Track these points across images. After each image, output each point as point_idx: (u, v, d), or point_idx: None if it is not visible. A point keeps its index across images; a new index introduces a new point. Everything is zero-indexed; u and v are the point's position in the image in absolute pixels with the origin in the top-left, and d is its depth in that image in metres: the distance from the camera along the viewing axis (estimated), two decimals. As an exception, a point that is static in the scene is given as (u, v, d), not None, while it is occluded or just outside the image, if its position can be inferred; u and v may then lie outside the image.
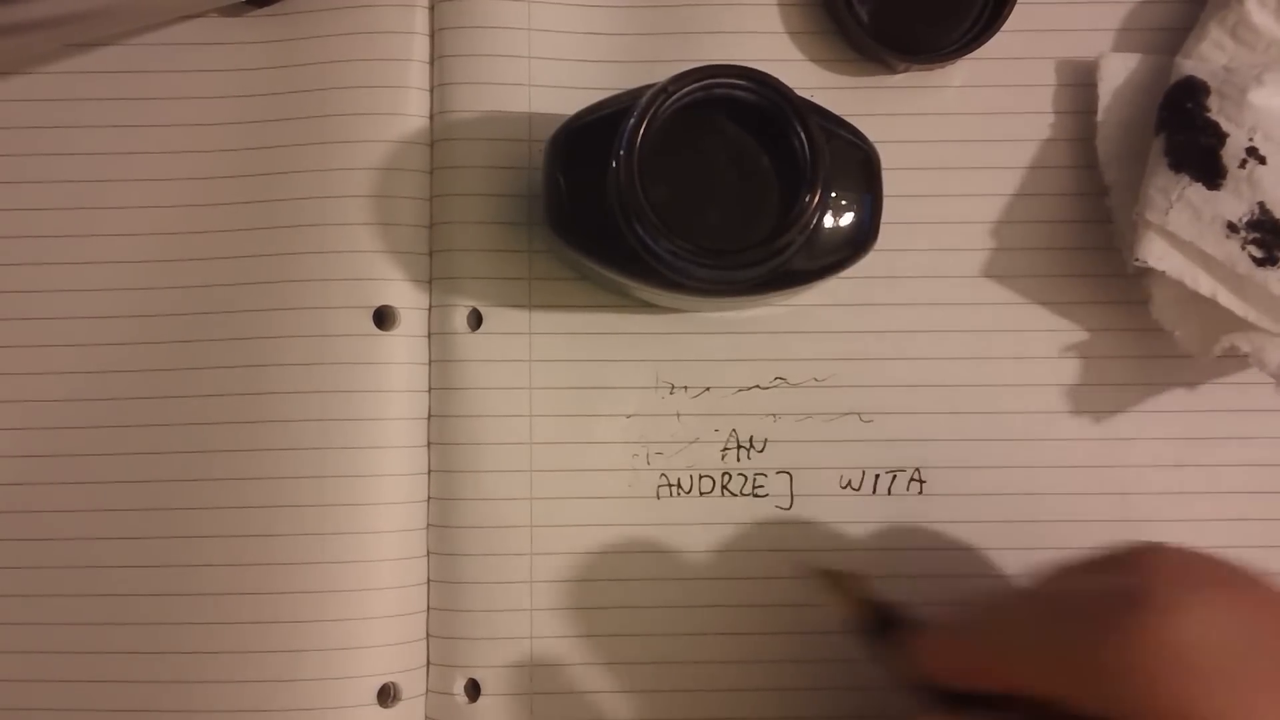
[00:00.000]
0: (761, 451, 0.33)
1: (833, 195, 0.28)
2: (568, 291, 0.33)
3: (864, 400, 0.33)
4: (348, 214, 0.32)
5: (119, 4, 0.30)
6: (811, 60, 0.34)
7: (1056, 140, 0.33)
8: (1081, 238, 0.33)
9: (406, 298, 0.32)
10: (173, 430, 0.32)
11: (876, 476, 0.33)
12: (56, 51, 0.33)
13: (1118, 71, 0.33)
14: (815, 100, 0.28)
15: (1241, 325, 0.30)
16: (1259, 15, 0.31)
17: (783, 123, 0.26)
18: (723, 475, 0.32)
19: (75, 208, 0.33)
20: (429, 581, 0.32)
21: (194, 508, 0.32)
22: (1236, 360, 0.30)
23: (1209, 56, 0.32)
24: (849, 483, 0.32)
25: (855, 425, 0.33)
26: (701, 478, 0.32)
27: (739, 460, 0.32)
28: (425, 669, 0.32)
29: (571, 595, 0.32)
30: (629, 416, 0.32)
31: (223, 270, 0.32)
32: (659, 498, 0.32)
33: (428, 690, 0.32)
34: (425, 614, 0.32)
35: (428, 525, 0.32)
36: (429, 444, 0.33)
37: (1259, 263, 0.29)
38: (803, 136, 0.26)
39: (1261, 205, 0.29)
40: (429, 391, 0.33)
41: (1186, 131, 0.30)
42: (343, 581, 0.31)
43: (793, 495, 0.32)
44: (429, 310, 0.33)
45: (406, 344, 0.32)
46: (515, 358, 0.32)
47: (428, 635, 0.32)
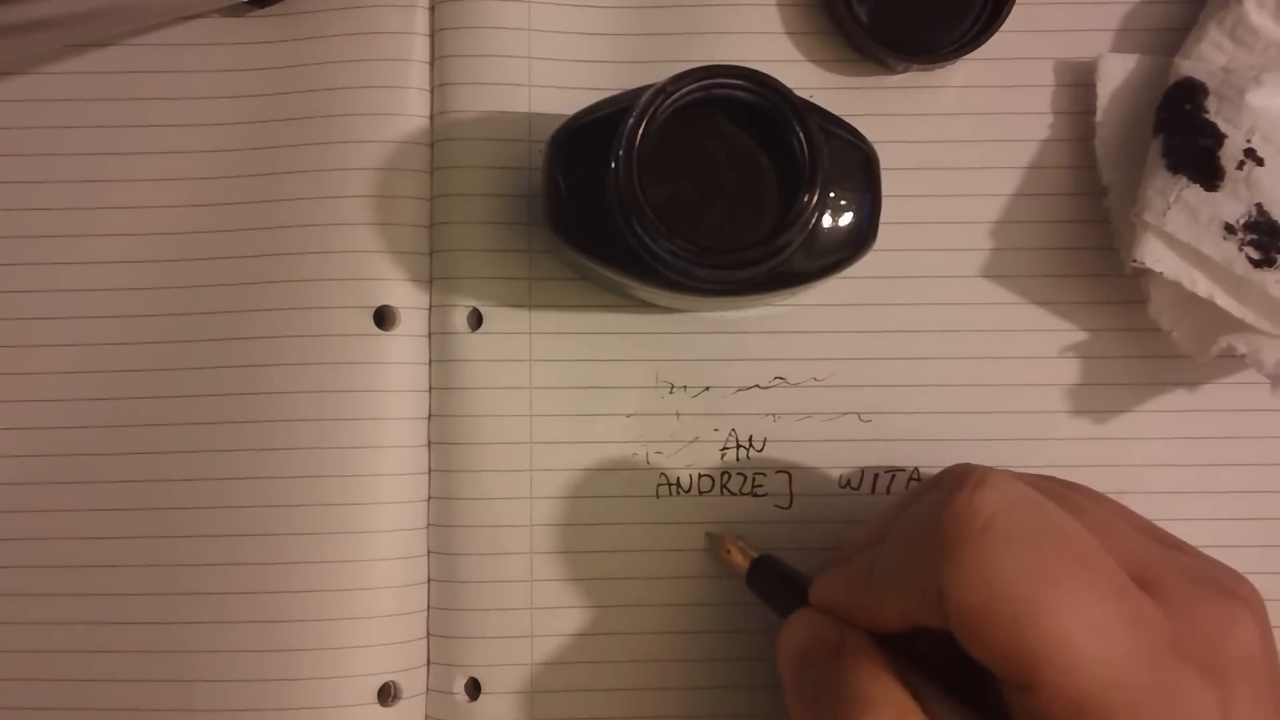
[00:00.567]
0: (761, 451, 0.33)
1: (832, 195, 0.28)
2: (568, 291, 0.33)
3: (863, 400, 0.33)
4: (348, 214, 0.32)
5: (119, 4, 0.30)
6: (811, 60, 0.34)
7: (1055, 140, 0.33)
8: (1080, 238, 0.33)
9: (407, 298, 0.32)
10: (173, 430, 0.32)
11: (876, 476, 0.33)
12: (56, 51, 0.33)
13: (1116, 72, 0.33)
14: (815, 100, 0.28)
15: (1239, 326, 0.30)
16: (1257, 16, 0.31)
17: (782, 123, 0.26)
18: (722, 474, 0.32)
19: (75, 208, 0.33)
20: (429, 581, 0.32)
21: (194, 507, 0.32)
22: (1234, 361, 0.30)
23: (1207, 57, 0.32)
24: (848, 482, 0.33)
25: (854, 425, 0.33)
26: (701, 477, 0.32)
27: (738, 460, 0.33)
28: (425, 668, 0.32)
29: (571, 594, 0.32)
30: (629, 416, 0.32)
31: (223, 270, 0.32)
32: (658, 497, 0.32)
33: (428, 689, 0.32)
34: (425, 613, 0.32)
35: (428, 524, 0.32)
36: (429, 444, 0.33)
37: (1256, 264, 0.29)
38: (802, 137, 0.26)
39: (1259, 207, 0.29)
40: (429, 391, 0.33)
41: (1185, 132, 0.30)
42: (343, 581, 0.31)
43: (792, 494, 0.32)
44: (429, 310, 0.33)
45: (406, 344, 0.32)
46: (515, 357, 0.32)
47: (428, 634, 0.32)
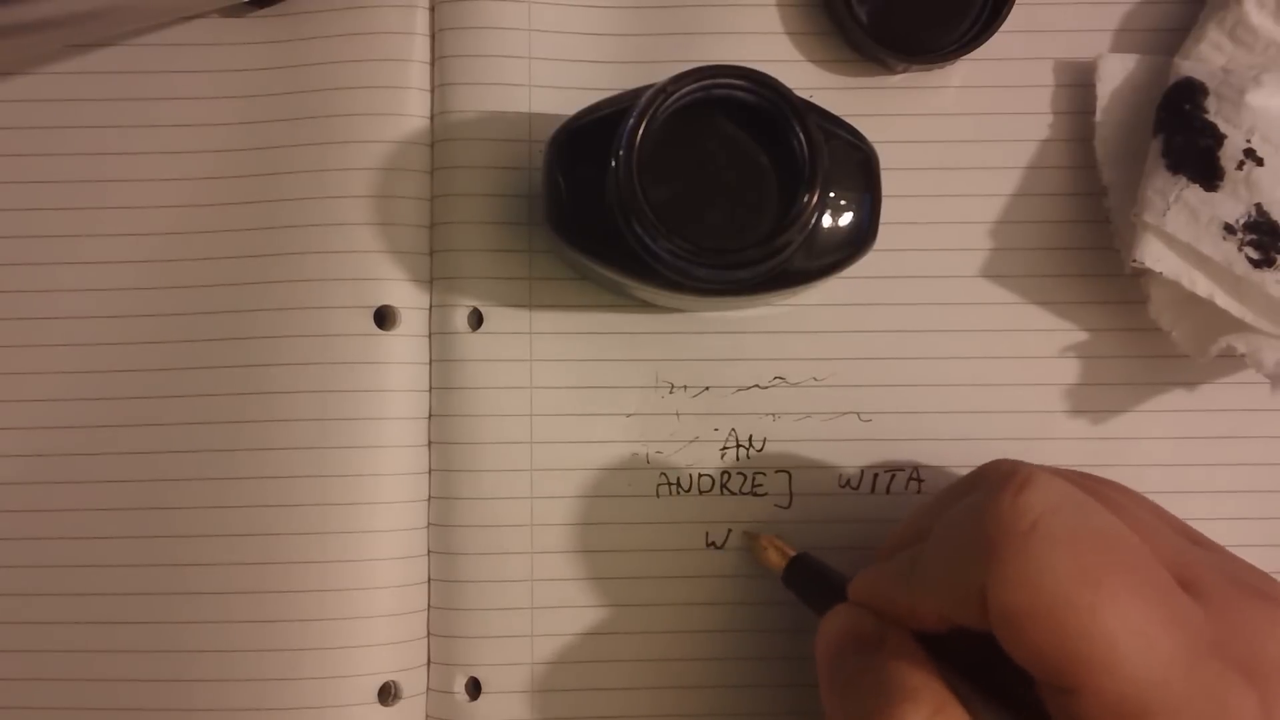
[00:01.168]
0: (760, 450, 0.33)
1: (832, 195, 0.28)
2: (568, 291, 0.33)
3: (863, 400, 0.33)
4: (348, 214, 0.32)
5: (119, 4, 0.30)
6: (811, 61, 0.34)
7: (1055, 141, 0.33)
8: (1080, 238, 0.33)
9: (407, 298, 0.32)
10: (173, 430, 0.32)
11: (875, 475, 0.33)
12: (56, 51, 0.33)
13: (1116, 72, 0.33)
14: (814, 100, 0.28)
15: (1238, 326, 0.30)
16: (1257, 16, 0.31)
17: (782, 123, 0.26)
18: (722, 474, 0.33)
19: (75, 208, 0.33)
20: (430, 580, 0.32)
21: (194, 507, 0.32)
22: (1233, 360, 0.30)
23: (1207, 57, 0.32)
24: (848, 482, 0.33)
25: (854, 424, 0.33)
26: (701, 476, 0.32)
27: (738, 459, 0.33)
28: (426, 667, 0.32)
29: (572, 594, 0.32)
30: (629, 416, 0.33)
31: (224, 270, 0.32)
32: (659, 496, 0.32)
33: (428, 689, 0.32)
34: (426, 613, 0.32)
35: (428, 524, 0.32)
36: (429, 443, 0.33)
37: (1256, 264, 0.29)
38: (802, 137, 0.26)
39: (1259, 207, 0.29)
40: (429, 391, 0.33)
41: (1184, 133, 0.30)
42: (343, 580, 0.31)
43: (791, 494, 0.32)
44: (429, 310, 0.33)
45: (407, 344, 0.32)
46: (515, 357, 0.32)
47: (428, 634, 0.32)
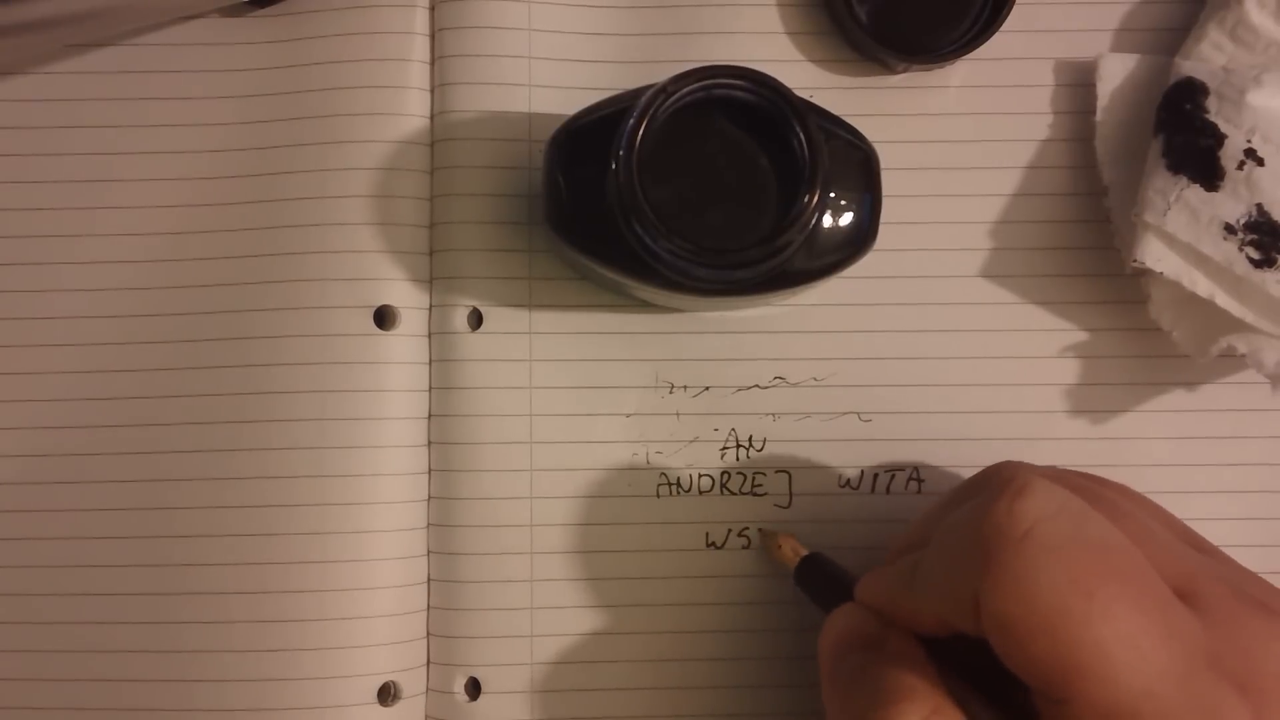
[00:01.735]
0: (760, 450, 0.33)
1: (832, 195, 0.28)
2: (568, 291, 0.33)
3: (863, 400, 0.33)
4: (348, 214, 0.32)
5: (119, 4, 0.30)
6: (811, 60, 0.34)
7: (1055, 140, 0.33)
8: (1080, 238, 0.33)
9: (407, 297, 0.32)
10: (173, 430, 0.32)
11: (875, 475, 0.33)
12: (56, 51, 0.33)
13: (1116, 72, 0.33)
14: (814, 100, 0.28)
15: (1239, 326, 0.30)
16: (1258, 16, 0.31)
17: (782, 123, 0.26)
18: (722, 474, 0.32)
19: (75, 208, 0.33)
20: (429, 580, 0.32)
21: (194, 507, 0.32)
22: (1234, 361, 0.30)
23: (1208, 57, 0.32)
24: (848, 482, 0.33)
25: (854, 424, 0.33)
26: (701, 477, 0.32)
27: (738, 459, 0.33)
28: (425, 668, 0.32)
29: (571, 593, 0.32)
30: (629, 416, 0.32)
31: (223, 270, 0.32)
32: (658, 496, 0.32)
33: (428, 689, 0.32)
34: (426, 613, 0.32)
35: (428, 524, 0.32)
36: (429, 443, 0.33)
37: (1256, 264, 0.29)
38: (802, 137, 0.26)
39: (1259, 207, 0.29)
40: (429, 391, 0.33)
41: (1185, 132, 0.30)
42: (343, 580, 0.31)
43: (791, 494, 0.32)
44: (429, 310, 0.33)
45: (407, 344, 0.32)
46: (515, 357, 0.32)
47: (428, 634, 0.32)
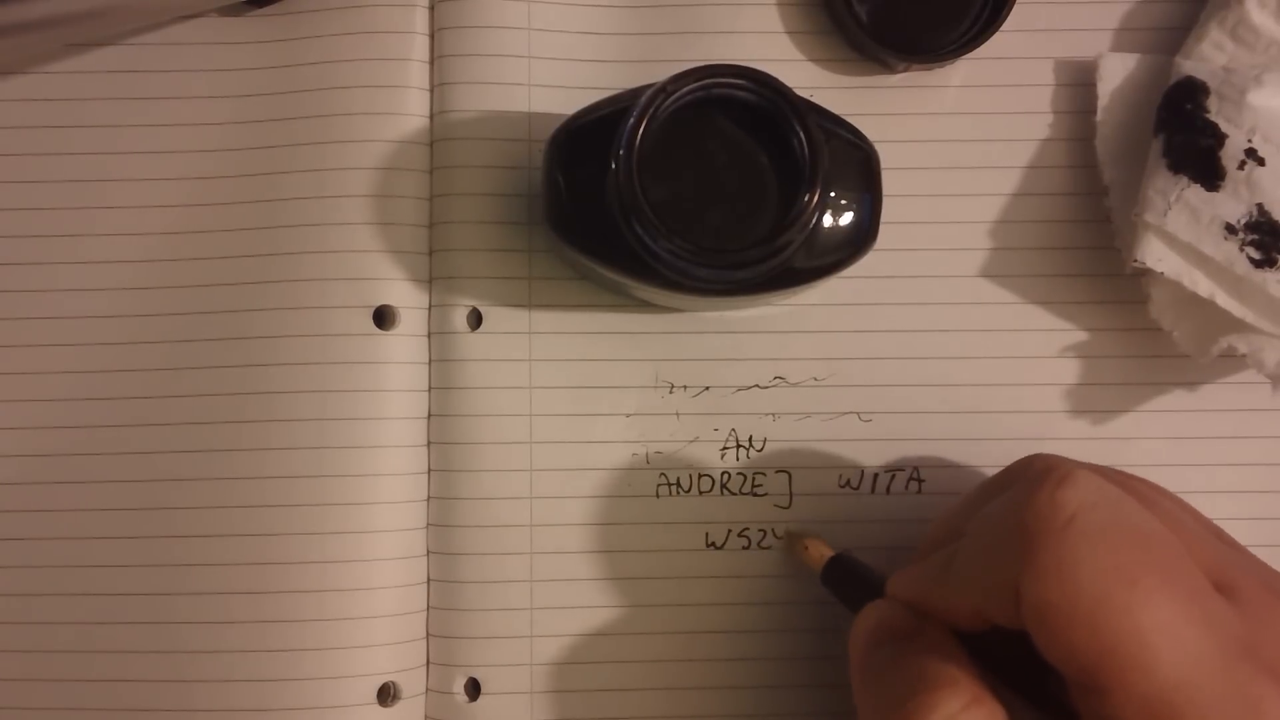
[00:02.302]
0: (761, 451, 0.33)
1: (832, 195, 0.28)
2: (567, 291, 0.33)
3: (863, 400, 0.33)
4: (348, 213, 0.32)
5: (119, 4, 0.30)
6: (811, 60, 0.34)
7: (1055, 140, 0.33)
8: (1080, 237, 0.33)
9: (406, 297, 0.32)
10: (172, 430, 0.32)
11: (875, 475, 0.33)
12: (56, 51, 0.33)
13: (1117, 71, 0.33)
14: (815, 100, 0.28)
15: (1239, 326, 0.30)
16: (1259, 16, 0.31)
17: (782, 122, 0.26)
18: (722, 474, 0.32)
19: (75, 208, 0.33)
20: (429, 581, 0.32)
21: (194, 507, 0.32)
22: (1234, 361, 0.30)
23: (1208, 57, 0.32)
24: (848, 482, 0.33)
25: (854, 424, 0.33)
26: (701, 477, 0.32)
27: (738, 459, 0.33)
28: (425, 668, 0.32)
29: (571, 594, 0.32)
30: (628, 416, 0.32)
31: (223, 270, 0.32)
32: (658, 496, 0.32)
33: (428, 689, 0.32)
34: (425, 613, 0.32)
35: (428, 524, 0.32)
36: (429, 443, 0.33)
37: (1257, 264, 0.29)
38: (802, 136, 0.26)
39: (1260, 207, 0.29)
40: (429, 391, 0.33)
41: (1185, 132, 0.30)
42: (342, 581, 0.31)
43: (792, 494, 0.32)
44: (429, 310, 0.33)
45: (406, 343, 0.32)
46: (515, 357, 0.32)
47: (428, 634, 0.32)
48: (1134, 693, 0.20)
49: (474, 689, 0.32)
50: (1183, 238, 0.29)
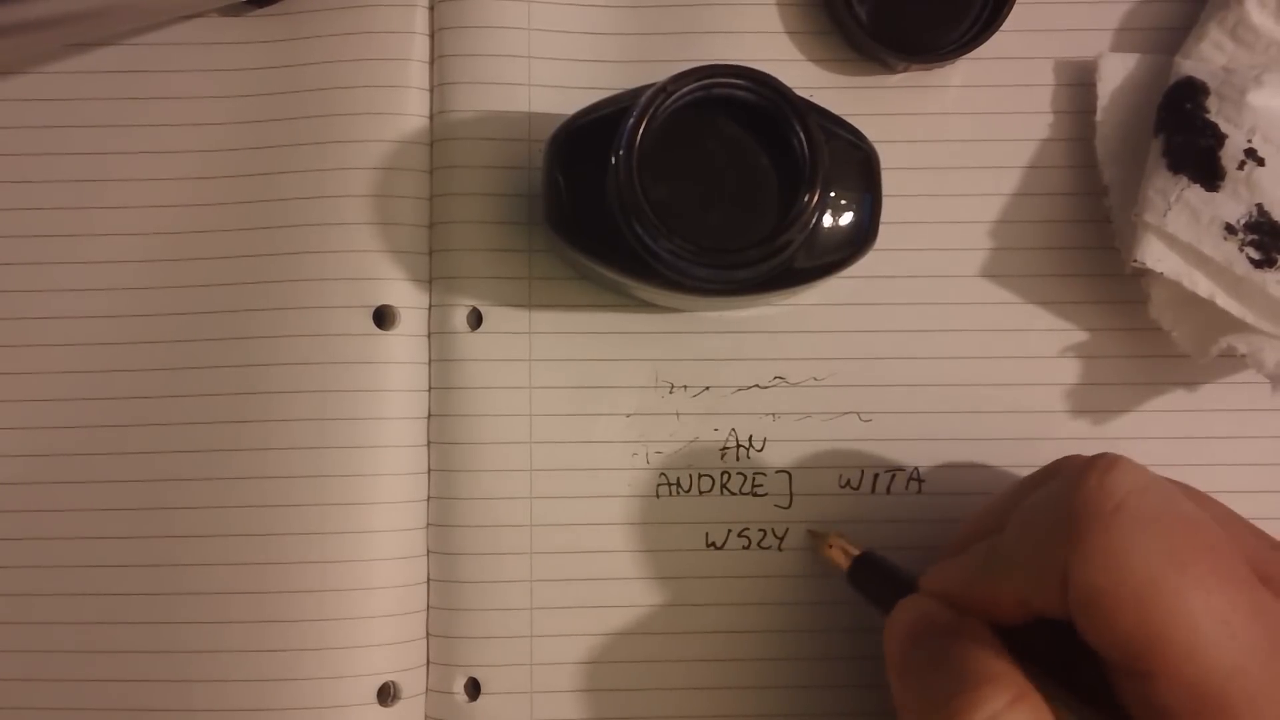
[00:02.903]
0: (761, 451, 0.33)
1: (832, 195, 0.28)
2: (567, 291, 0.33)
3: (863, 400, 0.33)
4: (348, 213, 0.32)
5: (119, 4, 0.30)
6: (811, 60, 0.34)
7: (1055, 140, 0.33)
8: (1080, 237, 0.33)
9: (406, 297, 0.32)
10: (172, 430, 0.32)
11: (875, 476, 0.33)
12: (56, 51, 0.33)
13: (1117, 71, 0.33)
14: (815, 100, 0.28)
15: (1239, 326, 0.30)
16: (1259, 16, 0.31)
17: (782, 122, 0.26)
18: (722, 474, 0.32)
19: (75, 207, 0.33)
20: (429, 580, 0.32)
21: (193, 507, 0.32)
22: (1234, 361, 0.30)
23: (1208, 57, 0.32)
24: (848, 482, 0.33)
25: (854, 425, 0.33)
26: (701, 477, 0.32)
27: (738, 459, 0.33)
28: (425, 668, 0.32)
29: (571, 594, 0.32)
30: (628, 416, 0.32)
31: (223, 270, 0.32)
32: (658, 497, 0.32)
33: (428, 689, 0.32)
34: (425, 613, 0.32)
35: (427, 524, 0.32)
36: (429, 443, 0.33)
37: (1257, 264, 0.29)
38: (802, 136, 0.26)
39: (1260, 207, 0.29)
40: (429, 391, 0.33)
41: (1185, 132, 0.30)
42: (342, 580, 0.31)
43: (792, 494, 0.32)
44: (429, 310, 0.33)
45: (406, 343, 0.32)
46: (515, 357, 0.32)
47: (428, 634, 0.32)
48: (1182, 678, 0.20)
49: (474, 689, 0.32)
50: (1182, 238, 0.29)
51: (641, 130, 0.26)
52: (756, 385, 0.33)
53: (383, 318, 0.32)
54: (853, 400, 0.33)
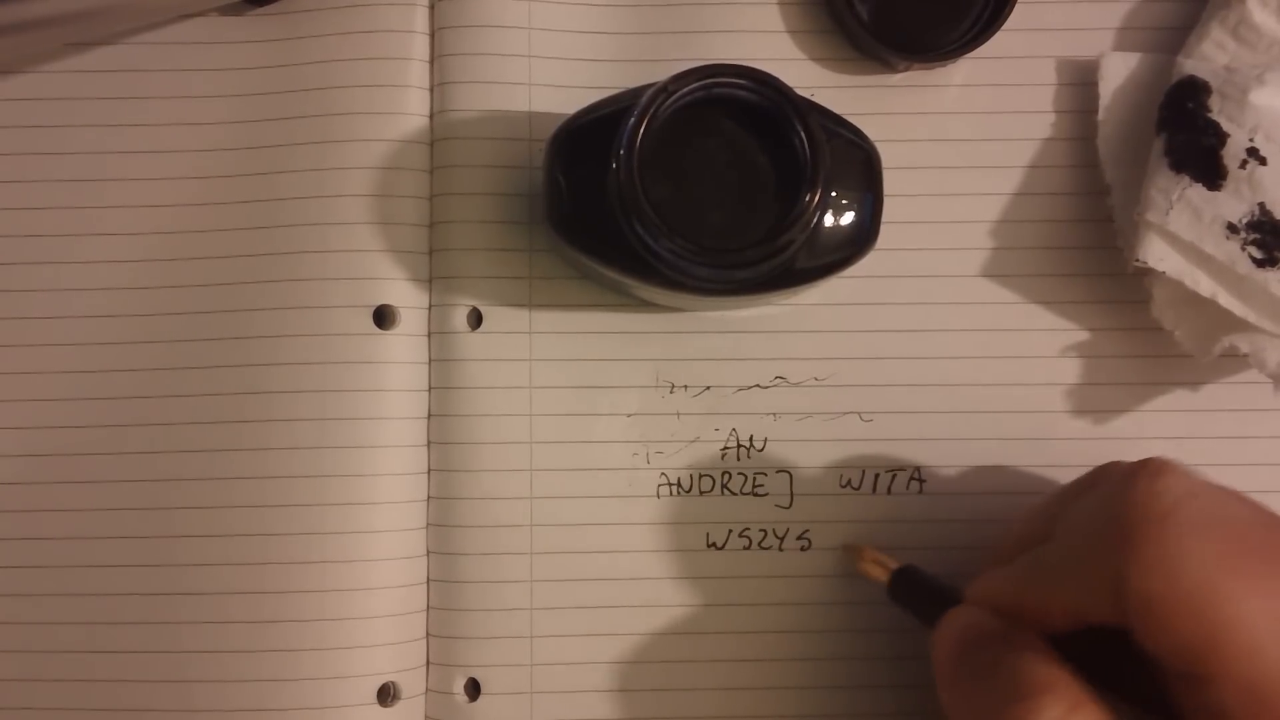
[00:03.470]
0: (761, 451, 0.33)
1: (833, 194, 0.28)
2: (568, 290, 0.33)
3: (864, 400, 0.33)
4: (348, 213, 0.32)
5: (119, 4, 0.30)
6: (812, 59, 0.33)
7: (1057, 139, 0.33)
8: (1082, 237, 0.33)
9: (406, 297, 0.32)
10: (172, 429, 0.32)
11: (876, 475, 0.33)
12: (56, 51, 0.33)
13: (1118, 70, 0.33)
14: (816, 99, 0.28)
15: (1241, 326, 0.30)
16: (1260, 15, 0.31)
17: (783, 122, 0.26)
18: (723, 474, 0.32)
19: (74, 207, 0.33)
20: (429, 581, 0.32)
21: (193, 507, 0.32)
22: (1236, 360, 0.30)
23: (1210, 56, 0.32)
24: (849, 482, 0.33)
25: (855, 424, 0.33)
26: (701, 477, 0.32)
27: (739, 459, 0.32)
28: (425, 668, 0.32)
29: (571, 594, 0.32)
30: (629, 416, 0.32)
31: (223, 269, 0.32)
32: (659, 497, 0.32)
33: (427, 689, 0.32)
34: (425, 613, 0.32)
35: (427, 524, 0.32)
36: (429, 443, 0.33)
37: (1259, 263, 0.29)
38: (803, 136, 0.26)
39: (1262, 206, 0.29)
40: (429, 391, 0.33)
41: (1187, 131, 0.30)
42: (342, 581, 0.31)
43: (792, 494, 0.32)
44: (429, 309, 0.33)
45: (406, 343, 0.32)
46: (515, 357, 0.32)
47: (428, 634, 0.32)
48: (1239, 680, 0.20)
49: (474, 689, 0.32)
50: (1184, 237, 0.29)
51: (642, 130, 0.26)
52: (757, 385, 0.33)
53: (383, 317, 0.32)
54: (853, 400, 0.33)
